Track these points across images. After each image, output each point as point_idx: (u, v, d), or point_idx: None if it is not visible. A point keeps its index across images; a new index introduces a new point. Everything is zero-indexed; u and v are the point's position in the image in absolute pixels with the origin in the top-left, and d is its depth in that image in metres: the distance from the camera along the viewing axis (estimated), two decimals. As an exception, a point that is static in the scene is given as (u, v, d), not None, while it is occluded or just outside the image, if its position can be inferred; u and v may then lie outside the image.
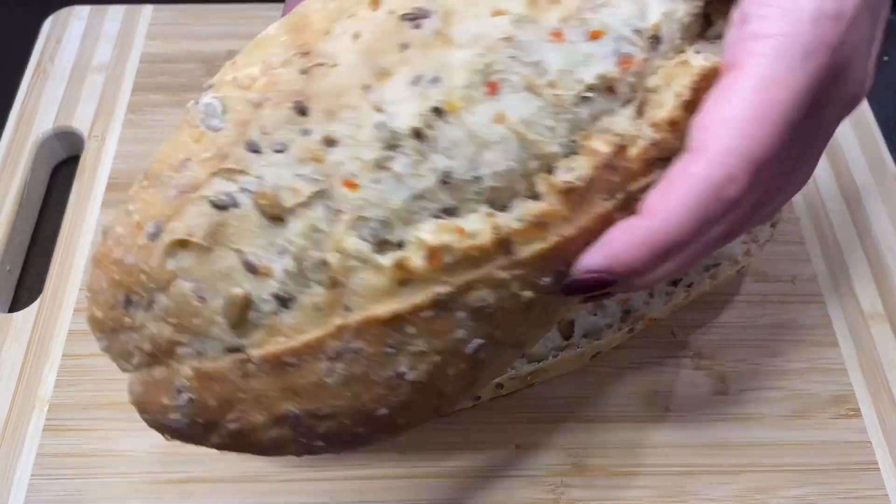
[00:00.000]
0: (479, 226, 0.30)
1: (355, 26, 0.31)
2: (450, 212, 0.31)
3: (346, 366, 0.31)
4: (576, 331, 0.47)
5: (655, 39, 0.32)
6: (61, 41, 0.66)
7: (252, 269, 0.30)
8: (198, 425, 0.33)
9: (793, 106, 0.30)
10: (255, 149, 0.30)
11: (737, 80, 0.30)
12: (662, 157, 0.31)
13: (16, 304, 0.55)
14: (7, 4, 0.73)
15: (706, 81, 0.31)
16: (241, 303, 0.31)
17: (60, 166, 0.62)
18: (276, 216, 0.30)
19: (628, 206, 0.31)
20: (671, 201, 0.30)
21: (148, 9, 0.68)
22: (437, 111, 0.30)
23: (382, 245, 0.30)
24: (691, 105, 0.31)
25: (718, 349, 0.51)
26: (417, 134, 0.30)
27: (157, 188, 0.31)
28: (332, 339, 0.31)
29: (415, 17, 0.31)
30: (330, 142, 0.30)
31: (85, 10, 0.68)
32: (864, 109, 0.63)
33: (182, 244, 0.31)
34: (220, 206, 0.30)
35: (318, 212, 0.30)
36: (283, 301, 0.31)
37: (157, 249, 0.31)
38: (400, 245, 0.30)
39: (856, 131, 0.62)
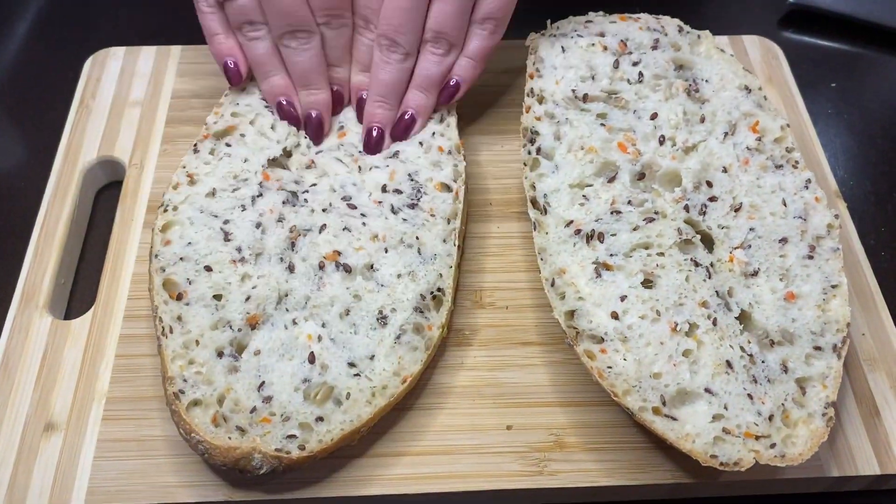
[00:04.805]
0: None
1: None
2: None
3: None
4: None
5: None
6: (101, 79, 0.73)
7: None
8: None
9: None
10: None
11: None
12: None
13: (69, 313, 0.63)
14: (51, 46, 0.81)
15: None
16: None
17: (103, 190, 0.70)
18: None
19: None
20: None
21: (177, 49, 0.75)
22: None
23: None
24: None
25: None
26: None
27: None
28: None
29: None
30: None
31: (120, 50, 0.75)
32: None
33: None
34: None
35: None
36: None
37: None
38: None
39: None
